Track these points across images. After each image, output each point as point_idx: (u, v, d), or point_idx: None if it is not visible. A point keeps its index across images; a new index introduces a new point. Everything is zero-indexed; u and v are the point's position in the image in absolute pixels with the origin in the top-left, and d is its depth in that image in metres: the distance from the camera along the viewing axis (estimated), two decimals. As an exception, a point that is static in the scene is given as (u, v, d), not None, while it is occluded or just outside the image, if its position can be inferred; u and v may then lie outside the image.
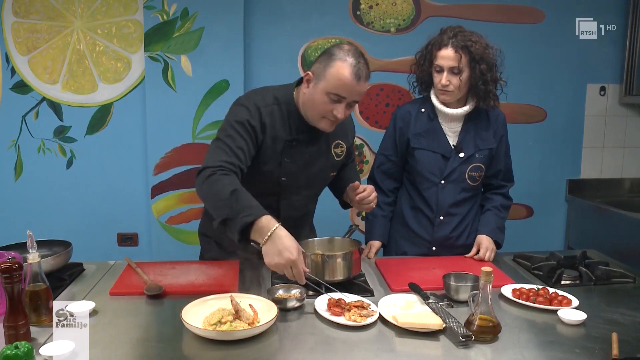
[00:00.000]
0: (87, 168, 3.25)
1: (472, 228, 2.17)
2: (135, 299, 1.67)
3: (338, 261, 1.69)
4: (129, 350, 1.35)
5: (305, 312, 1.57)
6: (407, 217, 2.20)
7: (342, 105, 1.72)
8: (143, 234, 3.32)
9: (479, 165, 2.12)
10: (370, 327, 1.48)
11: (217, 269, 1.89)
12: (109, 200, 3.28)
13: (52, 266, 1.77)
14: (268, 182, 1.87)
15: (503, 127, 2.19)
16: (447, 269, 1.80)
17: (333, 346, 1.37)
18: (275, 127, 1.81)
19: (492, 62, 2.03)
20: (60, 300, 1.63)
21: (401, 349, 1.37)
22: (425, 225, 2.16)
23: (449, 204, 2.12)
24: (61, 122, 3.21)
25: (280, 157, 1.83)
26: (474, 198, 2.18)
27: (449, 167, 2.10)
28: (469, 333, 1.37)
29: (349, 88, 1.69)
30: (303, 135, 1.84)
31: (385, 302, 1.60)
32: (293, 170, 1.86)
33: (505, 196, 2.24)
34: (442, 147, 2.11)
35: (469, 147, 2.10)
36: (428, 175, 2.13)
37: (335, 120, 1.76)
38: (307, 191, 1.96)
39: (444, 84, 2.02)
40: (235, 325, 1.41)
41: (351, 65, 1.68)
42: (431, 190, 2.13)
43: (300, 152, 1.85)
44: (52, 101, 3.18)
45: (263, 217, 1.53)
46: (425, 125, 2.13)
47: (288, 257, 1.51)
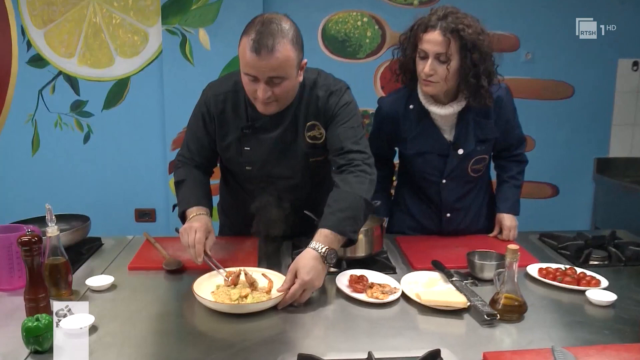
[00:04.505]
0: (104, 143, 3.27)
1: (482, 213, 2.08)
2: (153, 274, 1.67)
3: (359, 237, 1.67)
4: (148, 325, 1.35)
5: (326, 289, 1.57)
6: (412, 209, 2.09)
7: (260, 84, 1.56)
8: (161, 210, 3.34)
9: (482, 157, 1.96)
10: (393, 304, 1.47)
11: (236, 244, 1.89)
12: (126, 176, 3.30)
13: (70, 240, 1.78)
14: (238, 172, 1.88)
15: (507, 108, 1.94)
16: (471, 247, 1.77)
17: (354, 323, 1.37)
18: (227, 115, 1.76)
19: (486, 52, 1.76)
20: (80, 274, 1.66)
21: (424, 327, 1.36)
22: (432, 219, 2.07)
23: (453, 200, 2.02)
24: (78, 96, 3.22)
25: (239, 145, 1.78)
26: (481, 183, 2.07)
27: (448, 166, 1.94)
28: (494, 312, 1.35)
29: (252, 65, 1.53)
30: (261, 121, 1.73)
31: (408, 280, 1.59)
32: (256, 159, 1.79)
33: (520, 161, 2.09)
34: (437, 145, 1.92)
35: (468, 141, 1.90)
36: (427, 176, 1.99)
37: (264, 101, 1.59)
38: (285, 181, 1.84)
39: (427, 73, 1.76)
40: (256, 297, 1.43)
41: (251, 40, 1.51)
42: (433, 189, 2.01)
43: (260, 139, 1.76)
44: (68, 75, 3.19)
45: (193, 208, 1.71)
46: (415, 126, 1.92)
47: (186, 236, 1.59)
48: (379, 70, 3.29)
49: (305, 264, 1.45)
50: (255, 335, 1.30)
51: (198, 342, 1.27)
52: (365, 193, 1.60)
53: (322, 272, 1.47)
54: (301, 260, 1.47)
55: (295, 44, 1.56)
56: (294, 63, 1.56)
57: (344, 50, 3.26)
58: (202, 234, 1.59)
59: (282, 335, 1.31)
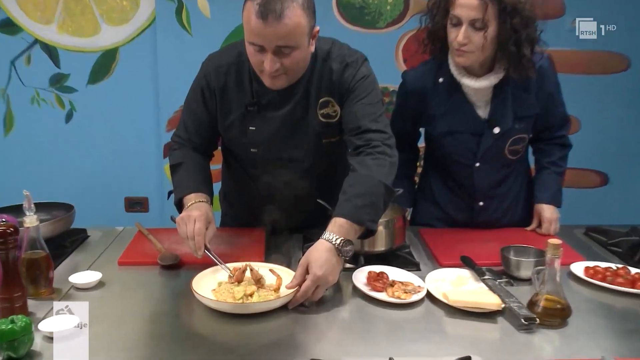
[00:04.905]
0: (89, 123, 3.29)
1: (519, 202, 2.09)
2: (147, 269, 1.69)
3: (379, 229, 1.67)
4: (141, 327, 1.37)
5: (341, 287, 1.57)
6: (439, 197, 2.09)
7: (267, 55, 1.56)
8: (154, 198, 3.37)
9: (521, 136, 1.96)
10: (416, 305, 1.47)
11: (240, 237, 1.91)
12: (115, 160, 3.32)
13: (51, 232, 1.79)
14: (242, 154, 1.89)
15: (550, 80, 1.94)
16: (505, 241, 1.77)
17: (373, 325, 1.37)
18: (230, 90, 1.76)
19: (528, 16, 1.74)
20: (62, 269, 1.67)
21: (452, 331, 1.36)
22: (462, 209, 2.07)
23: (487, 186, 2.02)
24: (58, 69, 3.23)
25: (243, 124, 1.79)
26: (518, 168, 2.07)
27: (482, 146, 1.94)
28: (533, 315, 1.35)
29: (258, 32, 1.52)
30: (268, 97, 1.73)
31: (434, 278, 1.59)
32: (262, 140, 1.79)
33: (563, 145, 2.08)
34: (470, 124, 1.92)
35: (505, 118, 1.90)
36: (458, 158, 1.99)
37: (272, 74, 1.59)
38: (295, 165, 1.84)
39: (460, 42, 1.75)
40: (263, 295, 1.44)
41: (257, 4, 1.50)
42: (464, 173, 2.01)
43: (267, 117, 1.76)
44: (46, 44, 3.19)
45: (192, 195, 1.72)
46: (446, 101, 1.93)
47: (184, 227, 1.60)
48: (401, 41, 3.27)
49: (318, 257, 1.45)
50: (262, 339, 1.31)
51: (197, 346, 1.28)
52: (385, 177, 1.59)
53: (336, 267, 1.48)
54: (313, 253, 1.47)
55: (306, 9, 1.55)
56: (305, 30, 1.56)
57: (361, 19, 3.24)
58: (202, 224, 1.60)
59: (292, 339, 1.32)
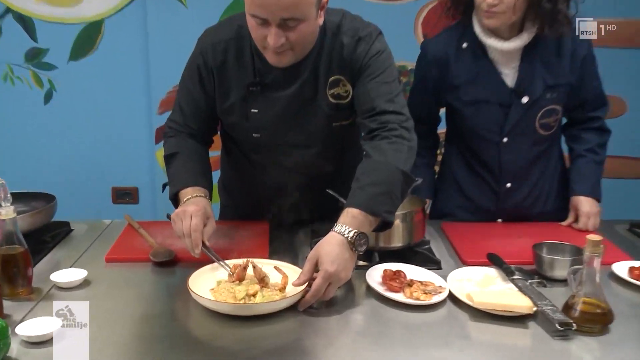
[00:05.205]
0: (71, 103, 3.29)
1: (552, 190, 2.10)
2: (138, 266, 1.70)
3: (396, 223, 1.68)
4: (130, 330, 1.38)
5: (353, 286, 1.58)
6: (461, 181, 2.12)
7: (271, 29, 1.55)
8: (145, 188, 3.38)
9: (554, 108, 1.98)
10: (437, 307, 1.47)
11: (241, 230, 1.91)
12: (101, 146, 3.33)
13: (30, 225, 1.80)
14: (243, 140, 1.89)
15: (584, 44, 1.97)
16: (538, 237, 1.77)
17: (389, 329, 1.38)
18: (229, 68, 1.76)
19: None
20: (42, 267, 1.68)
21: (478, 336, 1.36)
22: (487, 194, 2.09)
23: (516, 166, 2.03)
24: (35, 43, 3.23)
25: (244, 107, 1.79)
26: (551, 149, 2.08)
27: (510, 118, 1.97)
28: (569, 320, 1.34)
29: (260, 3, 1.51)
30: (272, 76, 1.73)
31: (457, 277, 1.59)
32: (265, 124, 1.79)
33: (600, 129, 2.08)
34: (497, 93, 1.96)
35: (535, 86, 1.93)
36: (483, 133, 2.02)
37: (277, 49, 1.59)
38: (302, 151, 1.86)
39: (491, 2, 1.78)
40: (267, 295, 1.44)
41: None
42: (490, 151, 2.03)
43: (271, 98, 1.76)
44: (20, 14, 3.19)
45: (188, 189, 1.73)
46: (470, 68, 1.97)
47: (180, 223, 1.61)
48: (421, 13, 3.26)
49: (329, 251, 1.45)
50: (266, 344, 1.32)
51: (193, 352, 1.29)
52: (403, 163, 1.59)
53: (349, 262, 1.47)
54: (324, 246, 1.47)
55: None
56: (312, 0, 1.56)
57: (376, -13, 3.24)
58: (200, 219, 1.61)
59: (299, 344, 1.33)
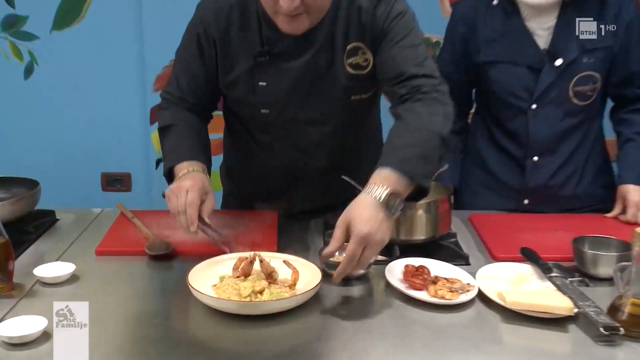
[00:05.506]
0: (55, 79, 3.29)
1: (585, 171, 2.11)
2: (132, 260, 1.71)
3: (418, 214, 1.69)
4: (123, 330, 1.39)
5: (371, 284, 1.59)
6: (487, 157, 2.16)
7: None
8: (138, 174, 3.39)
9: (591, 74, 2.01)
10: (465, 307, 1.47)
11: (247, 221, 1.92)
12: (89, 128, 3.34)
13: (11, 214, 1.81)
14: (249, 117, 1.90)
15: (629, 6, 2.01)
16: (578, 230, 1.76)
17: (412, 331, 1.38)
18: (233, 38, 1.76)
19: None
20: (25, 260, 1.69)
21: (510, 340, 1.37)
22: (512, 168, 2.11)
23: (545, 137, 2.05)
24: (12, 9, 3.23)
25: (251, 79, 1.79)
26: (586, 124, 2.09)
27: (541, 83, 2.01)
28: (616, 324, 1.33)
29: None
30: (283, 45, 1.74)
31: (487, 274, 1.59)
32: (275, 98, 1.80)
33: None
34: (528, 54, 2.01)
35: (570, 48, 1.98)
36: (510, 99, 2.06)
37: (291, 12, 1.58)
38: (316, 128, 1.87)
39: None
40: (276, 292, 1.44)
41: None
42: (518, 120, 2.07)
43: (281, 70, 1.76)
44: (-6, -24, 3.18)
45: (184, 163, 1.73)
46: (500, 26, 2.03)
47: (175, 199, 1.61)
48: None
49: (360, 212, 1.42)
50: (274, 346, 1.33)
51: (194, 354, 1.30)
52: (439, 127, 1.58)
53: (385, 223, 1.43)
54: (353, 209, 1.44)
55: None
56: None
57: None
58: (196, 194, 1.61)
59: (311, 347, 1.33)
